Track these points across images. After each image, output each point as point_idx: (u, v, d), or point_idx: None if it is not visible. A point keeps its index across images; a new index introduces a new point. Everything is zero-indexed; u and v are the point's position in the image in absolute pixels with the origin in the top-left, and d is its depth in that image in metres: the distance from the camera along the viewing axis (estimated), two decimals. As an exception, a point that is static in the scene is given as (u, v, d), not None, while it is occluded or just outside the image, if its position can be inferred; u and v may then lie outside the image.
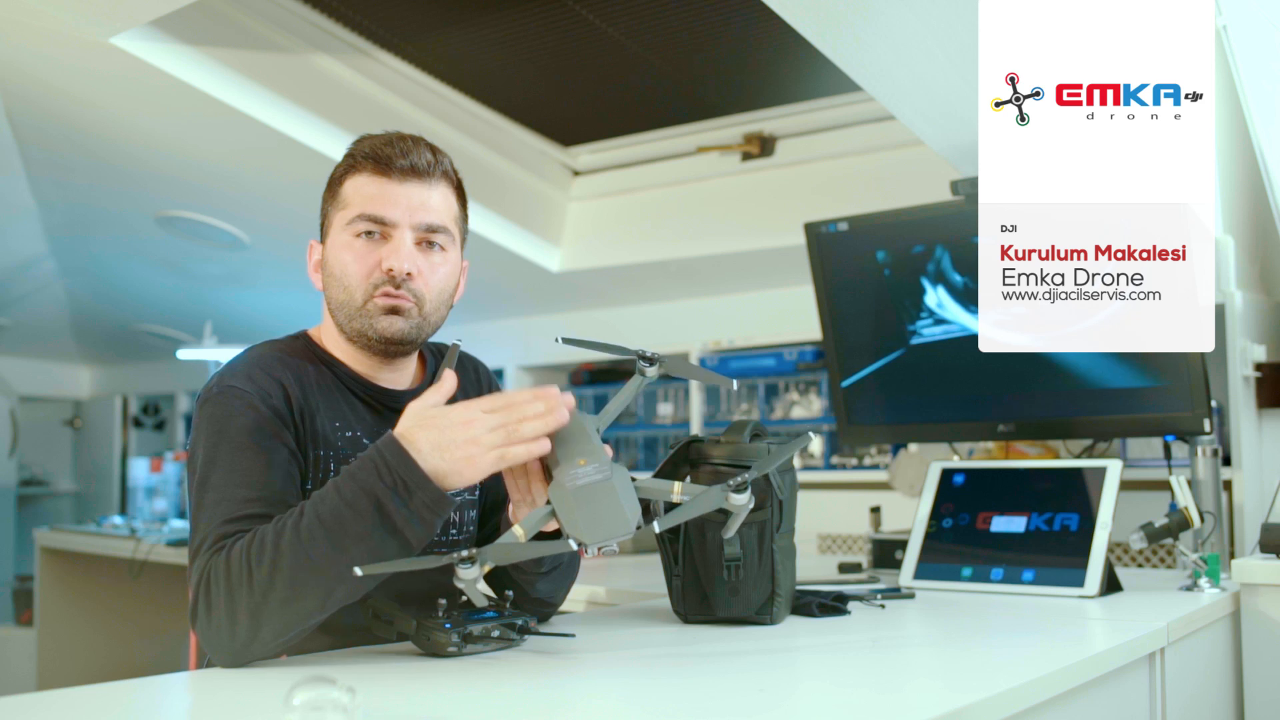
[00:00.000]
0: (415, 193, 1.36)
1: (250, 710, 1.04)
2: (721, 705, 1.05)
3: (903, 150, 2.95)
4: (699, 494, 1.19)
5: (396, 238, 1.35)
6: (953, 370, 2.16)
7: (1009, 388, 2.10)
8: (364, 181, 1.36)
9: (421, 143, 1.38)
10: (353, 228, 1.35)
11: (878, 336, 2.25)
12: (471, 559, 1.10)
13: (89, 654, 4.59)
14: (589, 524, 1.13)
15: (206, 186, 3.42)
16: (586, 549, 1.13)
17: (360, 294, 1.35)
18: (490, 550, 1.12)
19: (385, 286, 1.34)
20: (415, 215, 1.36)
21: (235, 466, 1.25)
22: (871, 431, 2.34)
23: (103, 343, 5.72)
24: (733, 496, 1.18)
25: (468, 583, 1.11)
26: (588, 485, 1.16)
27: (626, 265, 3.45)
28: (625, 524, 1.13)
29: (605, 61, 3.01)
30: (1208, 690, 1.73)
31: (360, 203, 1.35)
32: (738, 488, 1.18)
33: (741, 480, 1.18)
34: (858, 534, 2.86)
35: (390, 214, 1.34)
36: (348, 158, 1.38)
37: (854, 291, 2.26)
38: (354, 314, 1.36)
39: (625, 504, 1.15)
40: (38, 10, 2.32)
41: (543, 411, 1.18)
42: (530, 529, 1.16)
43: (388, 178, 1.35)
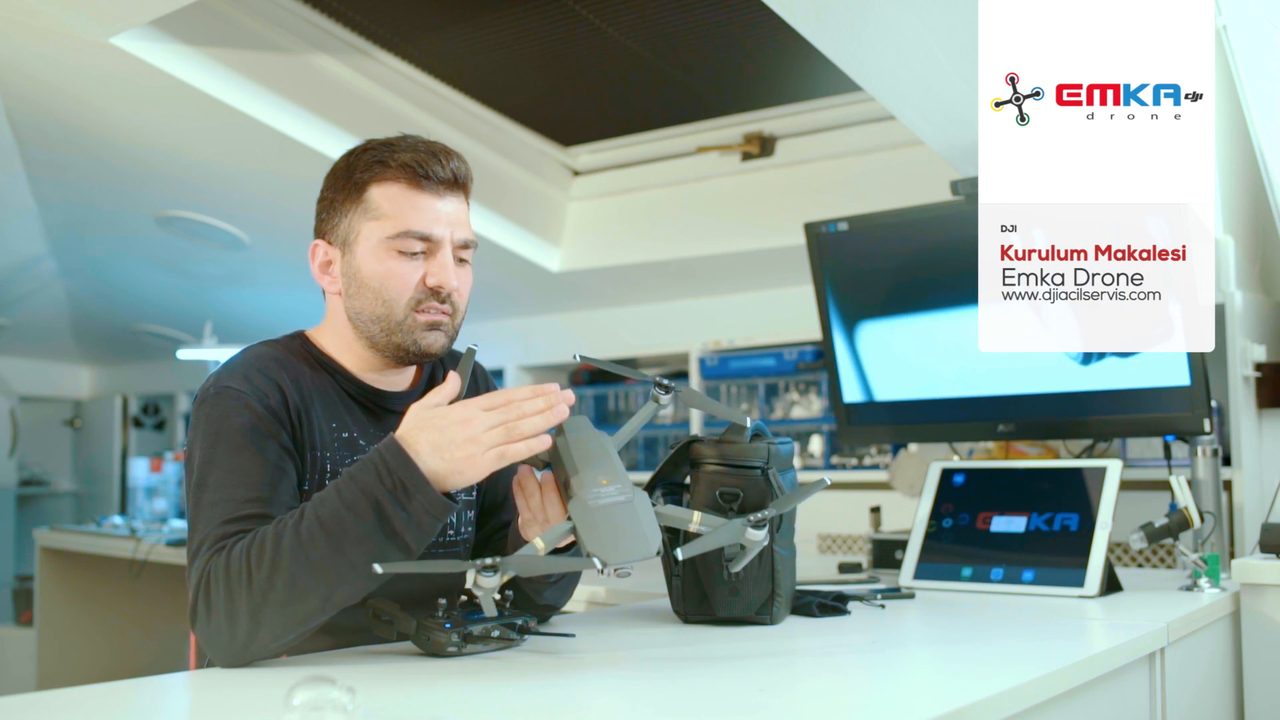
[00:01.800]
0: (453, 208, 1.36)
1: (250, 710, 1.04)
2: (721, 705, 1.05)
3: (903, 150, 2.94)
4: (719, 527, 1.21)
5: (441, 255, 1.35)
6: (953, 370, 2.16)
7: (1009, 388, 2.10)
8: (398, 192, 1.34)
9: (451, 152, 1.37)
10: (396, 243, 1.33)
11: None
12: (493, 568, 1.11)
13: (89, 654, 4.59)
14: (612, 544, 1.14)
15: (206, 186, 3.42)
16: (604, 569, 1.13)
17: (403, 309, 1.34)
18: (512, 561, 1.13)
19: (429, 302, 1.34)
20: (457, 232, 1.36)
21: (233, 467, 1.25)
22: (871, 431, 2.34)
23: (103, 343, 5.72)
24: (750, 532, 1.21)
25: (486, 591, 1.12)
26: (611, 505, 1.16)
27: (626, 265, 3.45)
28: (647, 547, 1.15)
29: (605, 61, 3.01)
30: (1208, 690, 1.73)
31: (400, 217, 1.33)
32: (756, 524, 1.20)
33: (760, 518, 1.21)
34: (858, 534, 2.86)
35: (435, 230, 1.34)
36: (375, 164, 1.35)
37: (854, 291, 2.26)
38: (393, 328, 1.35)
39: (646, 527, 1.16)
40: (38, 10, 2.32)
41: (542, 408, 1.19)
42: (550, 543, 1.16)
43: (425, 191, 1.34)
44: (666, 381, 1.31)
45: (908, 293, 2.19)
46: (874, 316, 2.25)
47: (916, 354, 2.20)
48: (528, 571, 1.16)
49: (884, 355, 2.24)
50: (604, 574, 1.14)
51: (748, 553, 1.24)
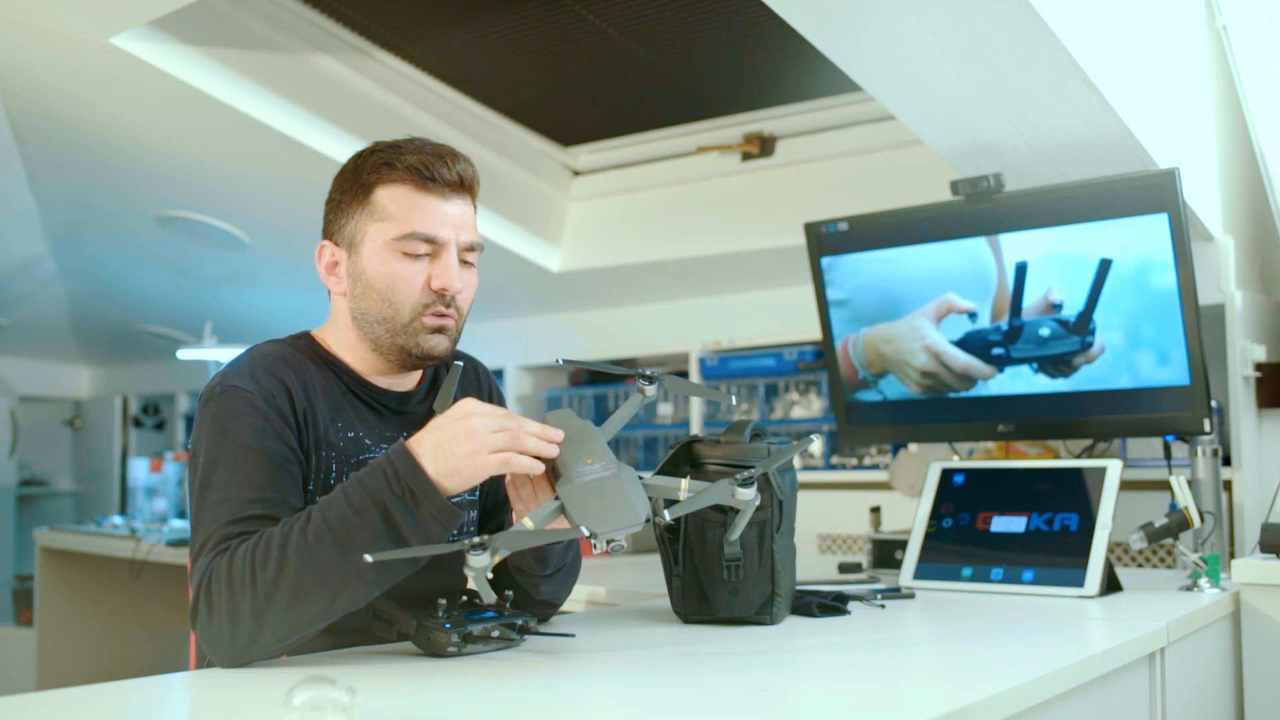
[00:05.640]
0: (459, 210, 1.36)
1: (250, 710, 1.03)
2: (721, 705, 1.05)
3: (903, 150, 2.95)
4: (706, 488, 1.21)
5: (446, 257, 1.35)
6: (953, 370, 2.16)
7: (1009, 388, 2.10)
8: (404, 194, 1.34)
9: (458, 155, 1.37)
10: (401, 245, 1.33)
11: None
12: (483, 545, 1.11)
13: (89, 654, 4.59)
14: (600, 516, 1.14)
15: (206, 186, 3.42)
16: (596, 541, 1.13)
17: (409, 312, 1.34)
18: (501, 538, 1.13)
19: (435, 306, 1.35)
20: (462, 234, 1.36)
21: (237, 467, 1.25)
22: (871, 431, 2.34)
23: (103, 343, 5.72)
24: (739, 491, 1.20)
25: (477, 570, 1.12)
26: (597, 480, 1.18)
27: (626, 265, 3.45)
28: (635, 516, 1.15)
29: (605, 61, 3.01)
30: (1208, 690, 1.73)
31: (406, 219, 1.33)
32: (744, 482, 1.19)
33: (747, 475, 1.20)
34: (858, 534, 2.86)
35: (441, 232, 1.34)
36: (382, 165, 1.35)
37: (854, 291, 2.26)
38: (398, 330, 1.35)
39: (634, 497, 1.17)
40: (38, 10, 2.32)
41: (539, 434, 1.20)
42: (540, 521, 1.17)
43: (431, 193, 1.34)
44: (649, 372, 1.32)
45: (907, 293, 2.19)
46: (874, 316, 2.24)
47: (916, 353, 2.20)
48: (517, 546, 1.15)
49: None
50: (595, 547, 1.14)
51: (742, 516, 1.23)
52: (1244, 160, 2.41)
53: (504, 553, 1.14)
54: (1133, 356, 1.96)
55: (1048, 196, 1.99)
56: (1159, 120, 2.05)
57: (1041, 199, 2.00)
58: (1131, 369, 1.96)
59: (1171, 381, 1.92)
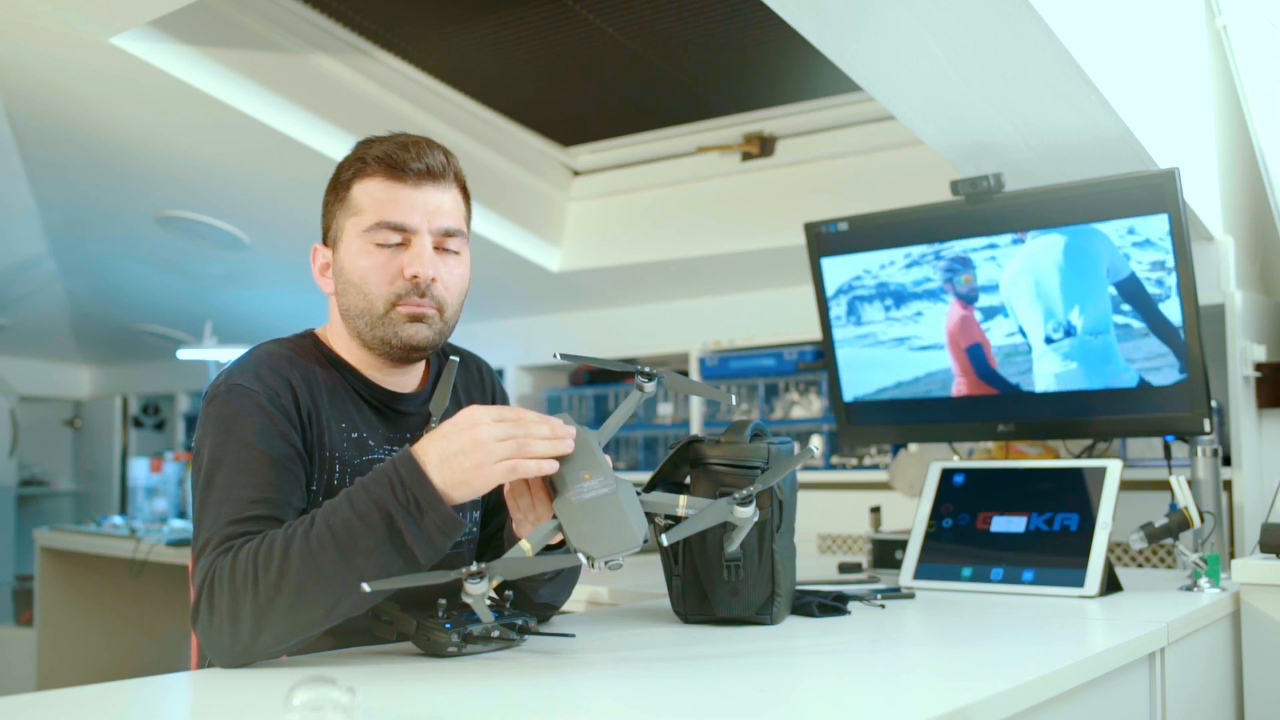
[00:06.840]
0: (431, 197, 1.35)
1: (250, 710, 1.03)
2: (721, 705, 1.05)
3: (903, 150, 2.95)
4: (705, 508, 1.20)
5: (417, 244, 1.34)
6: (952, 369, 2.16)
7: (1009, 387, 2.10)
8: (377, 186, 1.34)
9: (433, 145, 1.37)
10: (372, 235, 1.33)
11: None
12: (480, 574, 1.10)
13: (89, 654, 4.59)
14: (595, 537, 1.13)
15: (206, 186, 3.42)
16: (593, 563, 1.13)
17: (382, 303, 1.34)
18: (498, 565, 1.12)
19: (410, 296, 1.34)
20: (434, 220, 1.35)
21: (241, 466, 1.24)
22: (871, 431, 2.34)
23: (103, 343, 5.71)
24: (738, 510, 1.19)
25: (475, 598, 1.11)
26: (594, 499, 1.16)
27: (626, 265, 3.45)
28: (632, 537, 1.14)
29: (605, 61, 3.01)
30: (1208, 690, 1.73)
31: (377, 209, 1.33)
32: (743, 501, 1.19)
33: (746, 494, 1.19)
34: (858, 534, 2.86)
35: (410, 220, 1.33)
36: (356, 161, 1.36)
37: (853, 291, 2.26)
38: (375, 322, 1.35)
39: (631, 517, 1.16)
40: (38, 10, 2.32)
41: (548, 434, 1.18)
42: (537, 543, 1.16)
43: (402, 182, 1.34)
44: (648, 369, 1.31)
45: (907, 292, 2.19)
46: (874, 316, 2.24)
47: (917, 353, 2.20)
48: (515, 574, 1.15)
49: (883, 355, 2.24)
50: (594, 568, 1.13)
51: (740, 531, 1.22)
52: (1244, 160, 2.41)
53: (501, 578, 1.13)
54: (1133, 356, 1.96)
55: (1048, 196, 1.99)
56: (1159, 120, 2.05)
57: (1041, 199, 2.00)
58: (1132, 369, 1.96)
59: (1171, 381, 1.93)
